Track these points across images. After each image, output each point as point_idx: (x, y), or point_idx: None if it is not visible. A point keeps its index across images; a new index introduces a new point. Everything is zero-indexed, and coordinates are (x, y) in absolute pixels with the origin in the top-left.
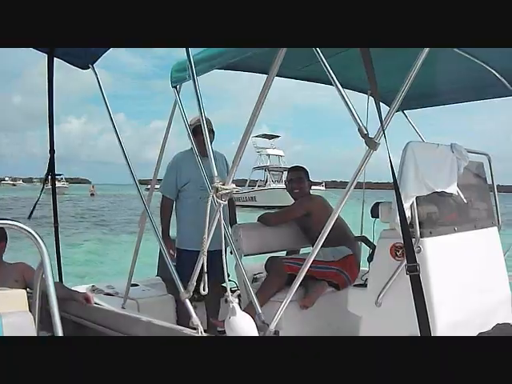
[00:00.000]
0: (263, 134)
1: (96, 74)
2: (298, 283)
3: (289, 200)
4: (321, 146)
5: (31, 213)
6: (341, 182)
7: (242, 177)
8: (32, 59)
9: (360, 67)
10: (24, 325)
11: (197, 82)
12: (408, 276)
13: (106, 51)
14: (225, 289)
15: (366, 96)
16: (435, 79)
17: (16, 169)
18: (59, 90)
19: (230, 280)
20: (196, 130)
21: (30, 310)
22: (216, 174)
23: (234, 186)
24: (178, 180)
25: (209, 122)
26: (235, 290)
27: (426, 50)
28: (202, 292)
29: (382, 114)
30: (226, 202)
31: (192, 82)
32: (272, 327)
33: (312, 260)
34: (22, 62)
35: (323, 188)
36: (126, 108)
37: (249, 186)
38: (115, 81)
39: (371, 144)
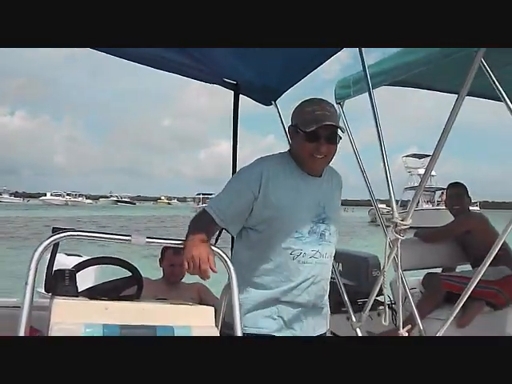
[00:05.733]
0: (413, 154)
1: (278, 111)
2: (462, 303)
3: (440, 221)
4: (471, 165)
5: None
6: (493, 202)
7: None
8: (181, 82)
9: None
10: None
11: (373, 95)
12: None
13: (289, 88)
14: None
15: None
16: None
17: (170, 188)
18: (207, 112)
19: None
20: (317, 133)
21: None
22: (395, 208)
23: (411, 221)
24: (255, 205)
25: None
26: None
27: None
28: (384, 323)
29: None
30: (404, 237)
31: (368, 95)
32: None
33: (461, 274)
34: (171, 86)
35: (478, 208)
36: (277, 130)
37: (400, 206)
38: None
39: None
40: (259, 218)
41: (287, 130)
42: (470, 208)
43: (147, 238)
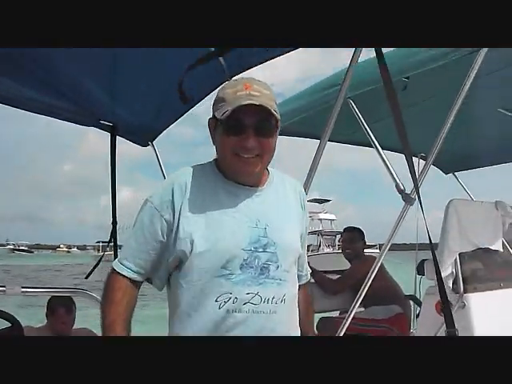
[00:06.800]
0: (314, 199)
1: (156, 151)
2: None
3: (341, 264)
4: (372, 209)
5: (90, 273)
6: (393, 244)
7: None
8: (81, 130)
9: (408, 131)
10: None
11: None
12: None
13: (165, 128)
14: None
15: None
16: (483, 140)
17: (70, 236)
18: (107, 158)
19: None
20: (238, 121)
21: None
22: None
23: None
24: (175, 238)
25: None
26: None
27: (457, 106)
28: None
29: (415, 169)
30: None
31: None
32: None
33: (353, 314)
34: (72, 132)
35: (378, 251)
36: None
37: None
38: (165, 151)
39: (407, 199)
40: (175, 253)
41: (208, 125)
42: (371, 251)
43: (22, 287)
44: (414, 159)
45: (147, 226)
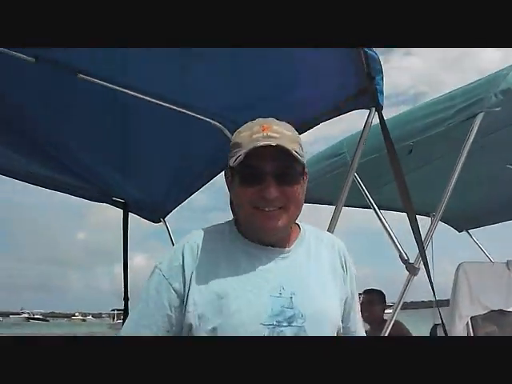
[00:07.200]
0: None
1: (168, 228)
2: None
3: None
4: (387, 268)
5: None
6: (411, 302)
7: None
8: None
9: (420, 192)
10: None
11: None
12: None
13: (177, 206)
14: None
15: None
16: (494, 196)
17: (85, 304)
18: (119, 225)
19: None
20: (256, 168)
21: None
22: None
23: None
24: (184, 310)
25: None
26: None
27: (459, 166)
28: None
29: (420, 234)
30: None
31: None
32: None
33: None
34: (84, 200)
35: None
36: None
37: None
38: (178, 216)
39: (411, 270)
40: (183, 328)
41: (224, 177)
42: (388, 311)
43: None
44: (427, 219)
45: (152, 297)
